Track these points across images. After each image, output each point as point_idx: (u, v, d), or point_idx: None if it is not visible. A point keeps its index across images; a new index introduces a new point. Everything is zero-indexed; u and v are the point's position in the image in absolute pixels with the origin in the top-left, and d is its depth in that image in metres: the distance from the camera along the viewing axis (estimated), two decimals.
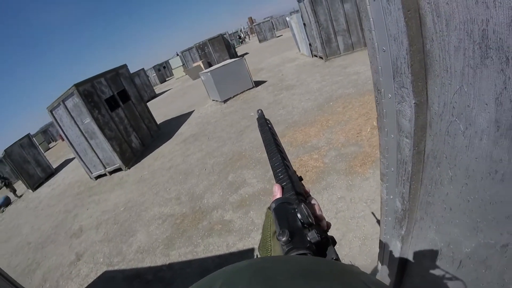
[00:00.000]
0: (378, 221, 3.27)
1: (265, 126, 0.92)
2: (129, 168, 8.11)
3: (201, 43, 24.62)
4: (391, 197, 1.06)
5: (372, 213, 3.57)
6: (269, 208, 0.67)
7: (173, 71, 31.38)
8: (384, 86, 0.84)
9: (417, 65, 0.69)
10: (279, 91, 10.78)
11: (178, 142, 8.99)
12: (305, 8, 12.13)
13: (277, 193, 0.61)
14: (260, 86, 12.07)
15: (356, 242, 3.31)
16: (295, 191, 0.60)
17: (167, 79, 33.16)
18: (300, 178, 0.71)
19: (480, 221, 0.67)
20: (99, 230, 5.37)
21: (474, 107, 0.59)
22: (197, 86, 17.43)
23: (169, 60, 33.18)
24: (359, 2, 0.77)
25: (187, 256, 4.02)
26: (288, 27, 39.20)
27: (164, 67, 34.27)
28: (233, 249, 3.82)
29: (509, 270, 0.64)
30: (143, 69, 24.69)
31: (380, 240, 1.38)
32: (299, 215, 0.48)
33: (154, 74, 31.22)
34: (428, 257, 1.00)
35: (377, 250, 3.11)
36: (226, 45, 24.68)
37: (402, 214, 1.02)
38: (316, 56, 13.62)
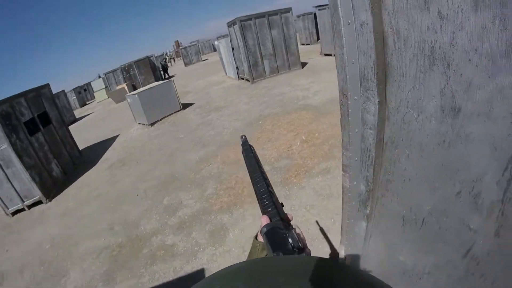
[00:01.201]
0: (321, 228, 3.59)
1: (249, 152, 0.93)
2: (51, 200, 7.25)
3: (126, 64, 23.60)
4: (355, 183, 1.30)
5: (316, 221, 3.90)
6: (255, 237, 0.71)
7: (94, 94, 29.11)
8: (350, 90, 1.08)
9: (380, 73, 0.95)
10: (207, 112, 10.94)
11: (103, 168, 8.39)
12: (235, 32, 12.74)
13: (264, 223, 0.62)
14: (188, 108, 12.08)
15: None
16: (280, 217, 0.63)
17: (87, 103, 30.58)
18: (282, 205, 0.74)
19: (435, 181, 0.94)
20: (24, 273, 4.66)
21: (424, 99, 0.86)
22: (120, 110, 16.59)
23: (91, 82, 30.80)
24: (333, 24, 1.00)
25: None
26: (214, 51, 39.80)
27: (85, 90, 31.60)
28: (181, 273, 3.72)
29: (465, 212, 0.90)
30: (63, 91, 22.40)
31: (342, 227, 1.61)
32: (290, 240, 0.52)
33: (74, 97, 28.54)
34: (391, 228, 1.26)
35: (326, 249, 3.43)
36: (152, 68, 24.13)
37: (366, 196, 1.27)
38: (243, 78, 14.26)
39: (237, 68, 14.30)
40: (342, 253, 1.76)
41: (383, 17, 0.86)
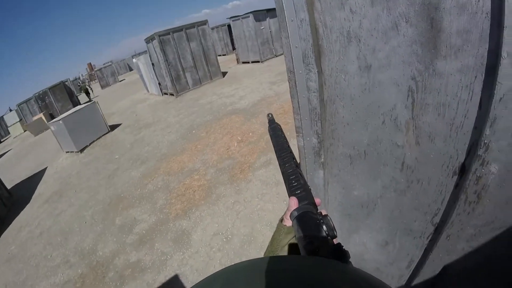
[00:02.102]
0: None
1: (277, 131, 0.91)
2: None
3: (40, 92, 21.32)
4: (308, 139, 1.73)
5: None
6: (281, 220, 0.66)
7: (9, 128, 25.50)
8: (296, 67, 1.51)
9: (316, 52, 1.39)
10: (138, 130, 10.71)
11: (40, 204, 7.68)
12: (154, 48, 12.65)
13: (293, 206, 0.59)
14: (116, 129, 11.63)
15: (266, 228, 3.97)
16: (310, 202, 0.59)
17: (2, 140, 26.57)
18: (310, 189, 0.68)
19: (366, 119, 1.40)
20: None
21: (347, 65, 1.32)
22: (42, 141, 15.07)
23: (3, 116, 26.85)
24: (280, 22, 1.42)
25: None
26: (130, 70, 37.84)
27: None
28: (156, 284, 3.77)
29: (391, 134, 1.38)
30: None
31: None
32: (325, 227, 0.48)
33: None
34: (342, 169, 1.71)
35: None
36: (69, 93, 22.24)
37: (318, 146, 1.71)
38: (167, 93, 14.19)
39: (159, 83, 14.19)
40: None
41: (315, 15, 1.31)
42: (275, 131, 0.92)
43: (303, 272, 0.31)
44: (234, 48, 23.49)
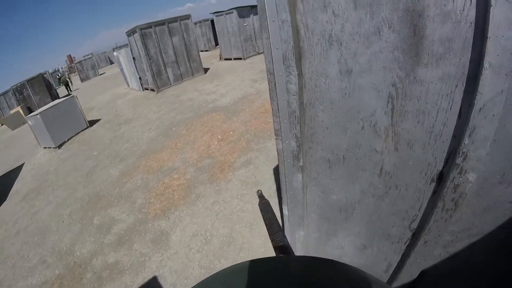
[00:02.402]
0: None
1: (267, 206, 1.06)
2: None
3: (18, 85, 20.34)
4: (287, 142, 1.70)
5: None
6: None
7: None
8: (276, 69, 1.47)
9: (297, 54, 1.35)
10: (117, 126, 10.41)
11: (17, 201, 7.33)
12: (135, 41, 12.30)
13: None
14: (95, 125, 11.26)
15: (246, 230, 3.92)
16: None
17: None
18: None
19: (345, 124, 1.38)
20: None
21: (328, 68, 1.29)
22: (19, 136, 14.42)
23: None
24: (261, 22, 1.37)
25: None
26: (111, 64, 36.74)
27: None
28: (135, 286, 3.67)
29: (371, 140, 1.36)
30: None
31: (282, 188, 2.00)
32: None
33: None
34: (321, 173, 1.68)
35: (265, 231, 3.85)
36: (47, 86, 21.34)
37: (297, 150, 1.68)
38: (147, 89, 13.87)
39: (140, 78, 13.85)
40: (286, 213, 2.15)
41: (297, 16, 1.26)
42: (265, 207, 1.06)
43: (305, 272, 0.31)
44: (217, 44, 23.28)
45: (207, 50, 25.14)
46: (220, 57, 18.03)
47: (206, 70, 15.03)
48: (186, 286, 3.39)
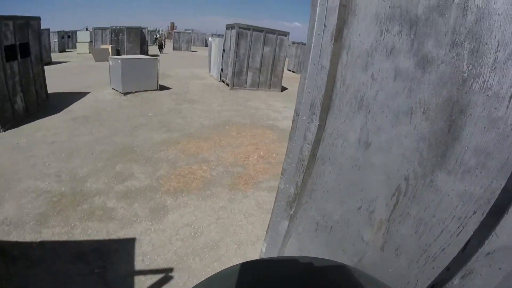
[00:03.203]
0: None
1: None
2: (5, 131, 6.85)
3: (117, 28, 22.82)
4: (287, 185, 1.58)
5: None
6: None
7: (77, 44, 27.68)
8: (302, 112, 1.37)
9: (325, 105, 1.25)
10: (181, 101, 10.97)
11: (66, 119, 8.12)
12: (231, 36, 12.98)
13: None
14: (163, 91, 12.01)
15: (233, 246, 3.80)
16: None
17: (67, 50, 28.93)
18: None
19: (345, 196, 1.24)
20: None
21: (349, 131, 1.17)
22: (98, 69, 16.01)
23: (77, 32, 29.36)
24: (304, 60, 1.29)
25: (62, 236, 3.75)
26: (205, 46, 39.34)
27: (69, 37, 29.94)
28: (113, 237, 3.78)
29: (362, 225, 1.20)
30: (48, 30, 20.93)
31: (269, 225, 1.88)
32: None
33: (56, 40, 26.79)
34: (307, 231, 1.54)
35: (250, 255, 3.68)
36: (142, 40, 23.54)
37: (293, 198, 1.55)
38: (224, 82, 14.46)
39: (221, 70, 14.50)
40: (263, 250, 2.01)
41: (338, 67, 1.17)
42: None
43: (309, 273, 0.32)
44: None
45: (294, 72, 25.49)
46: None
47: (283, 89, 15.22)
48: (154, 262, 3.39)
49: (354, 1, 1.11)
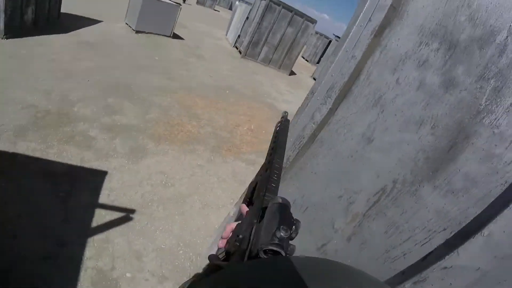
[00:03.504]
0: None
1: (286, 129, 0.93)
2: (7, 39, 6.51)
3: None
4: None
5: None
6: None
7: None
8: (318, 92, 1.39)
9: (343, 92, 1.27)
10: (190, 54, 10.74)
11: (72, 41, 7.79)
12: (258, 7, 12.61)
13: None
14: (176, 40, 11.70)
15: (198, 205, 3.88)
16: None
17: None
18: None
19: (331, 182, 1.29)
20: None
21: (356, 124, 1.20)
22: (117, 2, 15.32)
23: None
24: (337, 45, 1.30)
25: (36, 153, 3.68)
26: (229, 9, 37.90)
27: None
28: (86, 165, 3.75)
29: (337, 213, 1.26)
30: None
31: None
32: (294, 227, 0.48)
33: None
34: None
35: (212, 218, 3.75)
36: None
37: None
38: (237, 48, 14.18)
39: (238, 36, 14.17)
40: (231, 214, 2.07)
41: (368, 61, 1.18)
42: (284, 129, 0.89)
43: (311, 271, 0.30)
44: (318, 62, 23.34)
45: (307, 61, 25.25)
46: (312, 75, 18.04)
47: (292, 73, 15.09)
48: (119, 199, 3.42)
49: (405, 7, 1.12)
